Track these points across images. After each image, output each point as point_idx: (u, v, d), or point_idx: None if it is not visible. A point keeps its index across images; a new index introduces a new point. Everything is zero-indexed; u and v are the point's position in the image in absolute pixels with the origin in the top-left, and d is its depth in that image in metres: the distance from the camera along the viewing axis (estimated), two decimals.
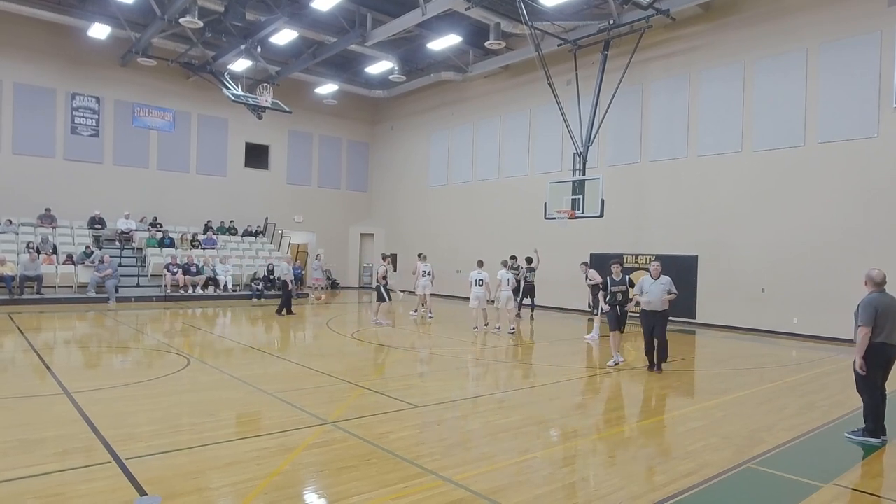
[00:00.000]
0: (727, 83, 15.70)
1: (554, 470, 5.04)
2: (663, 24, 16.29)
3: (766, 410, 7.11)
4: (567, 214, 15.89)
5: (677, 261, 16.53)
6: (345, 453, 5.16)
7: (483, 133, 22.86)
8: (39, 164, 20.40)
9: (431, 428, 6.20)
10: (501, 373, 9.57)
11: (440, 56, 21.43)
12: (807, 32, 14.26)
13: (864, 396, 6.00)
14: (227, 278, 20.70)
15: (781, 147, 14.64)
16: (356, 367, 9.87)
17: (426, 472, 4.75)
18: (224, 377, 8.26)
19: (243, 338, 12.54)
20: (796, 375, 9.43)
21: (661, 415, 6.83)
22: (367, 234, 28.08)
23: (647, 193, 17.39)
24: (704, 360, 11.26)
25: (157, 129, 22.89)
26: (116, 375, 8.39)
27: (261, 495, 4.21)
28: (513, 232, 20.66)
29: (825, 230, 13.78)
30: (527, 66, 19.39)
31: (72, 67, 20.90)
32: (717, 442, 5.78)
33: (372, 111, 28.48)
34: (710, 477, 4.82)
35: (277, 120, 24.58)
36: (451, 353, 11.52)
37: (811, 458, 5.60)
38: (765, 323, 14.69)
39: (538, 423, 6.51)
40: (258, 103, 21.01)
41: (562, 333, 13.97)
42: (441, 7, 16.11)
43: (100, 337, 12.25)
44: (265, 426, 6.03)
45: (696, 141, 16.37)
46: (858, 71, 13.39)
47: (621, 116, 17.59)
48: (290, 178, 26.40)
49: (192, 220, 23.51)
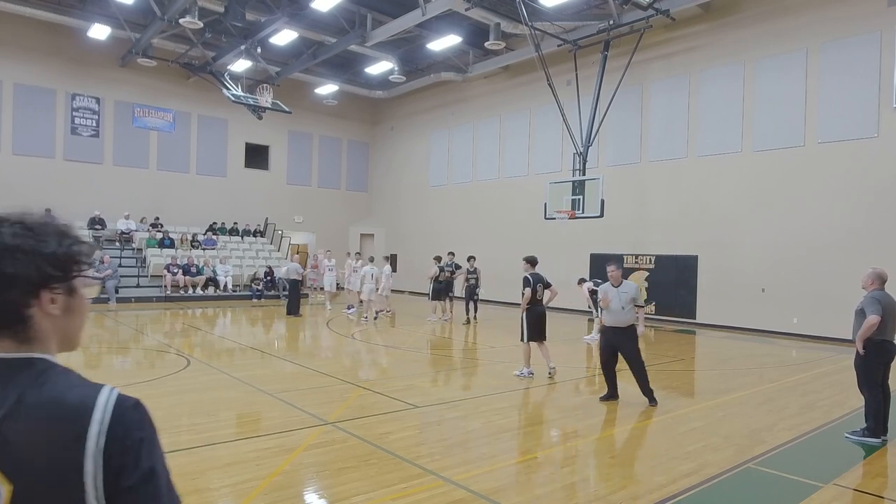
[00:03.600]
0: (727, 83, 15.70)
1: (554, 470, 5.04)
2: (663, 24, 16.28)
3: (766, 410, 7.10)
4: (567, 215, 15.88)
5: (677, 261, 16.54)
6: (345, 454, 5.15)
7: (483, 133, 22.86)
8: (39, 164, 20.39)
9: (431, 428, 6.20)
10: (501, 373, 9.56)
11: (440, 56, 21.43)
12: (807, 32, 14.26)
13: (866, 394, 6.00)
14: (227, 279, 20.70)
15: (781, 147, 14.64)
16: (356, 367, 9.88)
17: (426, 472, 4.75)
18: (224, 377, 8.26)
19: (243, 338, 12.54)
20: (796, 375, 9.43)
21: (661, 415, 6.83)
22: (367, 234, 28.07)
23: (647, 193, 17.38)
24: (704, 360, 11.26)
25: (157, 129, 22.89)
26: (116, 376, 8.39)
27: (261, 495, 4.20)
28: (513, 232, 20.65)
29: (825, 230, 13.77)
30: (527, 66, 19.38)
31: (72, 68, 20.90)
32: (717, 442, 5.78)
33: (372, 111, 28.48)
34: (711, 477, 4.82)
35: (277, 120, 24.57)
36: (451, 353, 11.53)
37: (811, 458, 5.60)
38: (765, 323, 14.69)
39: (538, 423, 6.51)
40: (258, 104, 21.01)
41: (562, 334, 13.97)
42: (441, 7, 16.11)
43: (100, 337, 12.25)
44: (265, 426, 6.03)
45: (696, 141, 16.37)
46: (858, 71, 13.38)
47: (621, 116, 17.59)
48: (290, 179, 26.40)
49: (192, 221, 23.51)
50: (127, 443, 0.98)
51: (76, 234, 1.11)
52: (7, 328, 1.02)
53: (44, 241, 1.04)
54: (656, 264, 17.03)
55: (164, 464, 1.03)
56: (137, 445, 0.99)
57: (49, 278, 1.04)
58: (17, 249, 1.01)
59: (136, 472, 0.98)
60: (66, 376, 1.04)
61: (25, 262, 1.01)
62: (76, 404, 0.99)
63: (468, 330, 14.51)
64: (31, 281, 1.02)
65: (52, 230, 1.07)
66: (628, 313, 7.36)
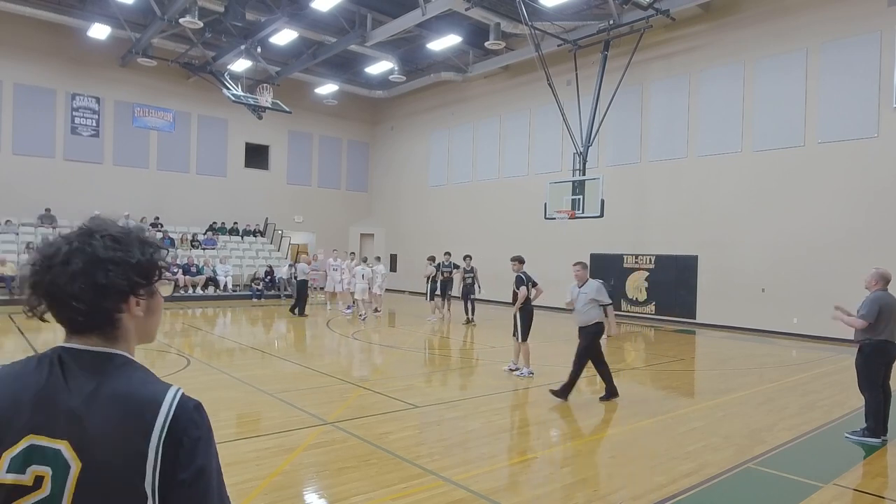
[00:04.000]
0: (727, 83, 15.70)
1: (554, 470, 5.04)
2: (663, 24, 16.28)
3: (766, 410, 7.10)
4: (567, 214, 15.88)
5: (677, 261, 16.54)
6: (345, 453, 5.15)
7: (483, 133, 22.86)
8: (39, 164, 20.39)
9: (431, 428, 6.20)
10: (501, 373, 9.55)
11: (440, 56, 21.43)
12: (807, 32, 14.25)
13: (866, 394, 6.00)
14: (226, 278, 20.70)
15: (781, 147, 14.63)
16: (356, 367, 9.88)
17: (426, 472, 4.75)
18: (224, 377, 8.26)
19: (243, 338, 12.54)
20: (796, 375, 9.43)
21: (661, 415, 6.83)
22: (367, 234, 28.08)
23: (647, 193, 17.38)
24: (704, 360, 11.26)
25: (157, 129, 22.89)
26: None
27: (261, 495, 4.20)
28: (513, 232, 20.65)
29: (825, 230, 13.77)
30: (527, 66, 19.38)
31: (72, 67, 20.89)
32: (717, 442, 5.78)
33: (372, 111, 28.48)
34: (711, 477, 4.82)
35: (277, 120, 24.56)
36: (450, 353, 11.53)
37: (811, 458, 5.60)
38: (765, 323, 14.69)
39: (538, 423, 6.51)
40: (258, 103, 21.01)
41: (562, 334, 13.96)
42: (441, 7, 16.11)
43: None
44: (265, 426, 6.03)
45: (696, 141, 16.36)
46: (858, 71, 13.38)
47: (621, 116, 17.59)
48: (290, 178, 26.40)
49: (192, 221, 23.51)
50: (184, 439, 1.06)
51: (155, 240, 1.23)
52: (98, 328, 1.13)
53: (130, 251, 1.15)
54: (656, 264, 17.03)
55: (217, 465, 1.12)
56: (194, 443, 1.08)
57: (136, 285, 1.15)
58: (109, 261, 1.12)
59: (191, 467, 1.06)
60: (141, 373, 1.14)
61: (117, 273, 1.12)
62: (147, 399, 1.08)
63: (468, 330, 14.51)
64: (122, 289, 1.13)
65: (136, 239, 1.18)
66: (588, 313, 7.39)
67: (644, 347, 12.76)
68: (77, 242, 1.12)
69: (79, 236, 1.13)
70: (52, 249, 1.12)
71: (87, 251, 1.11)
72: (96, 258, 1.11)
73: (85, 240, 1.12)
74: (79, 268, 1.09)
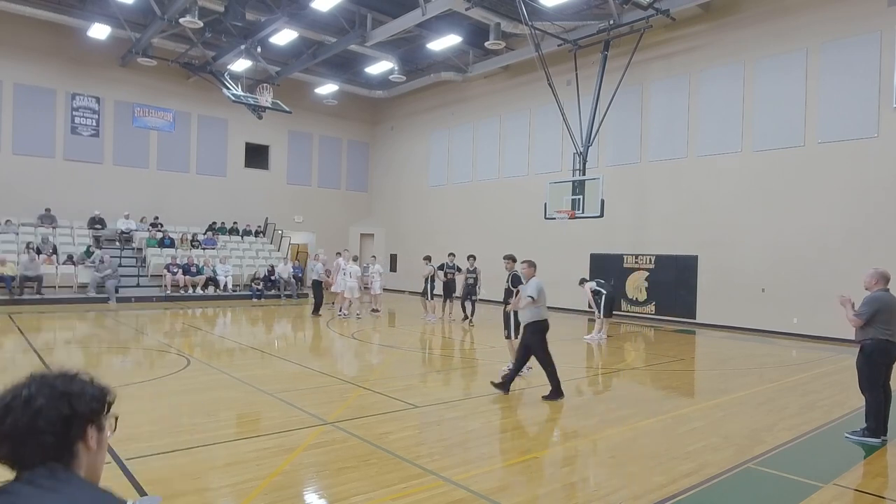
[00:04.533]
0: (727, 83, 15.70)
1: (554, 470, 5.04)
2: (663, 24, 16.28)
3: (766, 410, 7.10)
4: (567, 214, 15.89)
5: (677, 261, 16.55)
6: (345, 453, 5.15)
7: (483, 133, 22.86)
8: (39, 164, 20.39)
9: (431, 428, 6.20)
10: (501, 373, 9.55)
11: (440, 56, 21.43)
12: (807, 32, 14.26)
13: (867, 394, 6.00)
14: (227, 278, 20.70)
15: (781, 147, 14.64)
16: (356, 367, 9.88)
17: (426, 472, 4.75)
18: (224, 377, 8.26)
19: (243, 338, 12.54)
20: (796, 375, 9.43)
21: (661, 415, 6.83)
22: (367, 234, 28.08)
23: (647, 193, 17.38)
24: (704, 360, 11.26)
25: (157, 129, 22.89)
26: (117, 376, 8.38)
27: (261, 495, 4.20)
28: (513, 232, 20.65)
29: (825, 230, 13.77)
30: (527, 66, 19.38)
31: (72, 67, 20.89)
32: (717, 442, 5.78)
33: (372, 111, 28.48)
34: (711, 477, 4.82)
35: (277, 120, 24.56)
36: (451, 352, 11.53)
37: (811, 458, 5.60)
38: (765, 323, 14.69)
39: (538, 423, 6.51)
40: (258, 103, 20.99)
41: (562, 334, 13.96)
42: (441, 7, 16.11)
43: (100, 337, 12.26)
44: (265, 426, 6.02)
45: (696, 141, 16.37)
46: (858, 71, 13.38)
47: (621, 116, 17.59)
48: (290, 178, 26.40)
49: (192, 221, 23.51)
50: None
51: (98, 379, 1.33)
52: (56, 461, 1.19)
53: (84, 385, 1.27)
54: (656, 264, 17.03)
55: None
56: None
57: (95, 412, 1.26)
58: (70, 395, 1.22)
59: None
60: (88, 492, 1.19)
61: (78, 403, 1.22)
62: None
63: (467, 330, 14.51)
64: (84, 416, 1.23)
65: (85, 376, 1.29)
66: (528, 310, 7.49)
67: (644, 347, 12.76)
68: (35, 386, 1.21)
69: (34, 381, 1.22)
70: (10, 395, 1.20)
71: (46, 391, 1.20)
72: (58, 392, 1.21)
73: (42, 381, 1.22)
74: (43, 403, 1.18)
